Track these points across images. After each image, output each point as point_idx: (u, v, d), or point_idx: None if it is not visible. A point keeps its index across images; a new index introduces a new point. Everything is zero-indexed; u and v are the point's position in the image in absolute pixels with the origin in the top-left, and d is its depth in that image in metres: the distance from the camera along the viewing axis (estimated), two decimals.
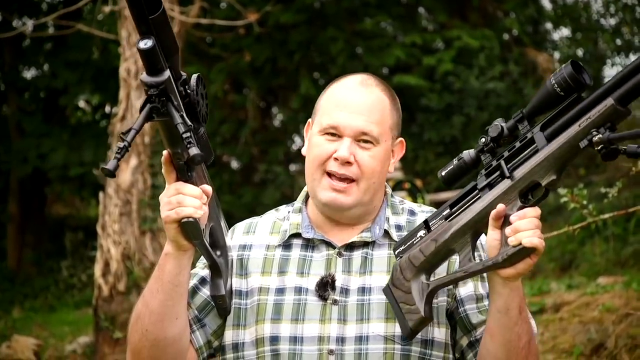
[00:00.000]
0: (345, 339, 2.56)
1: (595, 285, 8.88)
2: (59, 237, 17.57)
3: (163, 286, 2.49)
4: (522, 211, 2.34)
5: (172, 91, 2.22)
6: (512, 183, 2.35)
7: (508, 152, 2.38)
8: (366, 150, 2.62)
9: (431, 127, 16.09)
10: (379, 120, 2.63)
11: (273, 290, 2.64)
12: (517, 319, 2.43)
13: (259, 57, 16.63)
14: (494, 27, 17.04)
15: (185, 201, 2.36)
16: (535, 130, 2.33)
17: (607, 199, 5.00)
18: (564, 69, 2.24)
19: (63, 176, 16.70)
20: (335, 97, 2.67)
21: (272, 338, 2.58)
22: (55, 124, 17.32)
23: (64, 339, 11.53)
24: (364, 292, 2.60)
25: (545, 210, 13.89)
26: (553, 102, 2.29)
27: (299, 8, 16.28)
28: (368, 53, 16.32)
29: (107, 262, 9.49)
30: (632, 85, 2.15)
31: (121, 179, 9.53)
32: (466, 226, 2.44)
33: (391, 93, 2.72)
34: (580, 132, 2.21)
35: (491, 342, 2.48)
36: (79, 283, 15.64)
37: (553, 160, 2.27)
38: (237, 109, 17.87)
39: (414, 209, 2.77)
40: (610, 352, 6.64)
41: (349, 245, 2.66)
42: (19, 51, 17.93)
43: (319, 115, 2.69)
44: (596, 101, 2.21)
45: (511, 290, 2.41)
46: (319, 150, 2.64)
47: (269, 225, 2.77)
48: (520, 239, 2.31)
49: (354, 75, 2.71)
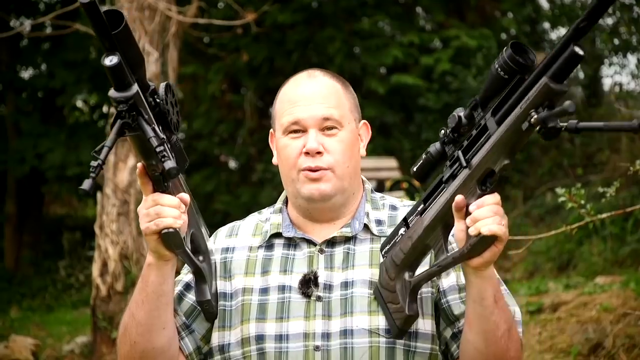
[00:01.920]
0: (330, 334, 2.56)
1: (593, 284, 8.88)
2: (56, 237, 17.54)
3: (148, 297, 2.49)
4: (480, 199, 2.32)
5: (141, 105, 2.21)
6: (470, 172, 2.34)
7: (467, 141, 2.38)
8: (333, 136, 2.64)
9: (429, 126, 16.07)
10: (336, 104, 2.66)
11: (257, 291, 2.65)
12: (492, 308, 2.43)
13: (256, 57, 16.63)
14: (491, 27, 17.04)
15: (164, 212, 2.37)
16: (488, 117, 2.31)
17: (605, 199, 5.00)
18: (504, 52, 2.23)
19: (60, 176, 16.67)
20: (287, 96, 2.71)
21: (257, 337, 2.59)
22: (52, 124, 17.29)
23: (61, 338, 11.51)
24: (347, 287, 2.61)
25: (543, 210, 13.90)
26: (500, 87, 2.27)
27: (296, 8, 16.28)
28: (366, 53, 16.31)
29: (104, 262, 9.48)
30: (563, 62, 2.13)
31: (119, 179, 9.53)
32: (435, 220, 2.45)
33: (340, 79, 2.75)
34: (521, 114, 2.20)
35: (470, 331, 2.48)
36: (76, 283, 15.62)
37: (502, 146, 2.26)
38: (235, 109, 17.86)
39: (396, 204, 2.78)
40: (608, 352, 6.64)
41: (329, 242, 2.67)
42: (16, 51, 17.91)
43: (277, 118, 2.71)
44: (533, 82, 2.19)
45: (483, 280, 2.41)
46: (288, 150, 2.66)
47: (251, 227, 2.79)
48: (479, 227, 2.30)
49: (299, 74, 2.77)
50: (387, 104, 16.37)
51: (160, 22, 9.66)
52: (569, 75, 2.18)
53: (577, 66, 2.16)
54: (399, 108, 16.59)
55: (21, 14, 18.16)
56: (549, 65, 2.16)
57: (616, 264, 10.58)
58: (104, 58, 2.14)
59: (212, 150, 18.10)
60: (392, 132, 16.65)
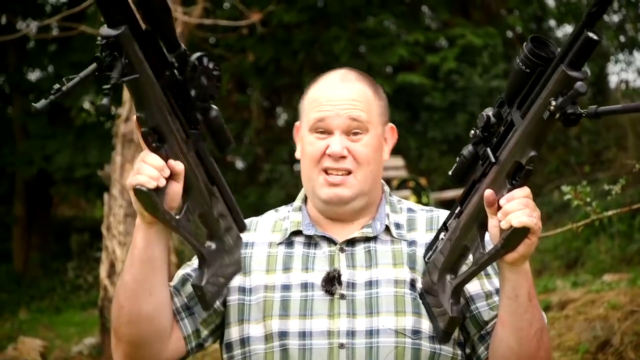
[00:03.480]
0: (355, 332, 2.56)
1: (600, 282, 8.86)
2: (64, 239, 17.57)
3: (133, 260, 2.47)
4: (510, 193, 2.34)
5: (129, 49, 2.17)
6: (499, 167, 2.37)
7: (496, 139, 2.40)
8: (358, 141, 2.65)
9: (435, 125, 16.07)
10: (364, 109, 2.67)
11: (279, 287, 2.64)
12: (527, 306, 2.44)
13: (262, 57, 16.63)
14: (497, 25, 17.02)
15: (142, 169, 2.33)
16: (513, 111, 2.34)
17: (611, 196, 5.00)
18: (525, 47, 2.26)
19: (68, 178, 16.71)
20: (318, 94, 2.69)
21: (280, 333, 2.58)
22: (60, 126, 17.32)
23: (70, 340, 11.53)
24: (372, 286, 2.61)
25: (550, 208, 13.88)
26: (523, 81, 2.30)
27: (302, 7, 16.29)
28: (371, 52, 16.31)
29: (112, 263, 9.49)
30: (578, 48, 2.17)
31: (126, 180, 9.53)
32: (470, 220, 2.47)
33: (372, 82, 2.75)
34: (542, 104, 2.23)
35: (502, 330, 2.49)
36: (85, 284, 15.63)
37: (527, 137, 2.28)
38: (241, 109, 17.87)
39: (413, 207, 2.80)
40: (616, 350, 6.63)
41: (350, 241, 2.67)
42: (23, 53, 17.95)
43: (306, 114, 2.71)
44: (552, 72, 2.22)
45: (519, 276, 2.42)
46: (312, 149, 2.67)
47: (270, 224, 2.79)
48: (510, 220, 2.31)
49: (333, 73, 2.74)
50: (393, 102, 16.34)
51: None
52: (586, 62, 2.21)
53: (592, 51, 2.19)
54: (405, 107, 16.58)
55: (27, 15, 18.20)
56: (566, 54, 2.19)
57: (624, 262, 10.56)
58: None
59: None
60: (398, 131, 16.53)
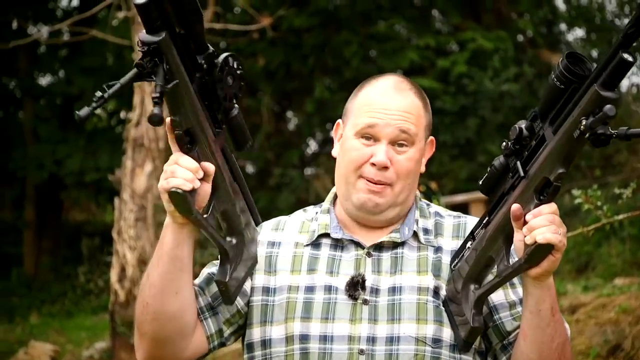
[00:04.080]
0: (376, 338, 2.55)
1: (611, 286, 8.84)
2: (75, 243, 17.62)
3: (162, 259, 2.47)
4: (537, 209, 2.33)
5: (169, 54, 2.17)
6: (527, 182, 2.35)
7: (527, 153, 2.39)
8: (402, 153, 2.63)
9: (446, 129, 16.06)
10: (415, 122, 2.65)
11: (303, 289, 2.63)
12: (549, 320, 2.43)
13: (272, 62, 16.66)
14: (508, 29, 17.01)
15: (177, 172, 2.33)
16: (546, 127, 2.33)
17: (622, 200, 4.98)
18: (560, 63, 2.25)
19: (79, 182, 16.77)
20: (370, 99, 2.66)
21: (301, 336, 2.57)
22: (70, 130, 17.38)
23: (81, 344, 11.57)
24: (395, 292, 2.60)
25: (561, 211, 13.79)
26: (557, 97, 2.29)
27: (312, 12, 16.31)
28: (382, 56, 16.32)
29: (123, 268, 9.52)
30: (612, 69, 2.16)
31: (136, 185, 9.57)
32: (496, 231, 2.45)
33: (422, 95, 2.73)
34: (573, 122, 2.21)
35: (524, 343, 2.48)
36: (95, 288, 15.67)
37: (556, 154, 2.27)
38: (252, 114, 17.89)
39: (441, 212, 2.78)
40: (627, 354, 6.61)
41: (377, 246, 2.65)
42: (34, 58, 18.02)
43: (354, 116, 2.67)
44: (585, 90, 2.21)
45: (542, 291, 2.41)
46: (356, 155, 2.63)
47: (298, 224, 2.77)
48: (535, 236, 2.30)
49: (387, 78, 2.72)
50: None
51: None
52: (619, 83, 2.20)
53: (627, 73, 2.18)
54: None
55: (38, 20, 18.27)
56: (600, 74, 2.18)
57: (635, 265, 10.54)
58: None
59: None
60: None
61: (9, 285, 17.07)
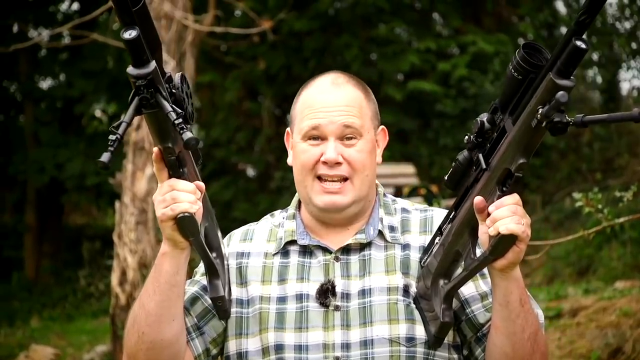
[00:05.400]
0: (350, 344, 2.56)
1: (612, 289, 8.85)
2: (76, 247, 17.63)
3: (160, 287, 2.47)
4: (499, 200, 2.33)
5: (159, 82, 2.20)
6: (489, 174, 2.35)
7: (489, 145, 2.39)
8: (352, 146, 2.63)
9: (446, 132, 16.07)
10: (357, 114, 2.65)
11: (274, 299, 2.63)
12: (518, 311, 2.43)
13: (273, 65, 16.67)
14: (508, 32, 17.03)
15: (180, 197, 2.34)
16: (506, 118, 2.33)
17: (623, 203, 4.98)
18: (517, 54, 2.25)
19: (80, 186, 16.76)
20: (309, 100, 2.69)
21: (276, 347, 2.58)
22: (71, 134, 17.38)
23: (81, 348, 11.56)
24: (365, 295, 2.60)
25: (561, 215, 13.86)
26: (516, 88, 2.28)
27: (313, 15, 16.32)
28: (382, 59, 16.32)
29: (123, 271, 9.51)
30: (566, 56, 2.15)
31: (137, 188, 9.56)
32: (462, 225, 2.46)
33: (363, 86, 2.74)
34: (530, 112, 2.21)
35: (496, 335, 2.48)
36: (96, 292, 15.66)
37: (516, 145, 2.27)
38: (252, 117, 17.90)
39: (407, 207, 2.78)
40: (627, 357, 6.61)
41: (345, 249, 2.66)
42: (34, 61, 18.02)
43: (298, 121, 2.69)
44: (541, 80, 2.20)
45: (509, 282, 2.41)
46: (307, 157, 2.65)
47: (266, 232, 2.77)
48: (498, 227, 2.30)
49: (324, 77, 2.75)
50: (404, 110, 16.37)
51: (177, 31, 9.71)
52: (574, 70, 2.19)
53: (581, 60, 2.17)
54: (416, 114, 16.58)
55: (39, 24, 18.28)
56: (555, 62, 2.17)
57: (636, 269, 10.54)
58: (123, 32, 2.12)
59: (230, 158, 18.14)
60: (410, 139, 16.65)
61: (10, 289, 17.06)
